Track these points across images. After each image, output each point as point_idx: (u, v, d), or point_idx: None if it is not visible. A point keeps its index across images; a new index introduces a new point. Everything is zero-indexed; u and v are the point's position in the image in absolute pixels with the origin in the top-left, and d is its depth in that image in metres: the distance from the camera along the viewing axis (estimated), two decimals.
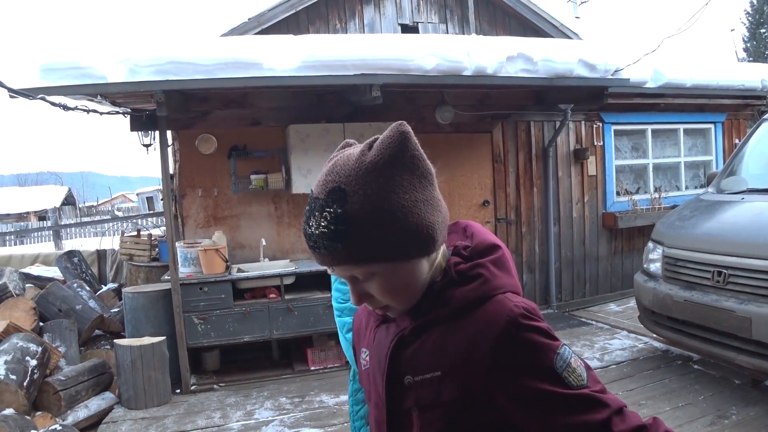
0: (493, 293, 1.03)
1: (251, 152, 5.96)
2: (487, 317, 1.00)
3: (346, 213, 0.94)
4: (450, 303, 1.04)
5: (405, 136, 0.99)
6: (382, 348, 1.12)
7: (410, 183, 0.99)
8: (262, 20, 8.08)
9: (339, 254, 0.96)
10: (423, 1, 9.29)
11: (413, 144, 1.01)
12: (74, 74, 4.51)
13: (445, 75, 5.24)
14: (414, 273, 1.02)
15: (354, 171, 0.97)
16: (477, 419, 1.02)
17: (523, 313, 1.00)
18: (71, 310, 5.77)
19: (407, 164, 0.99)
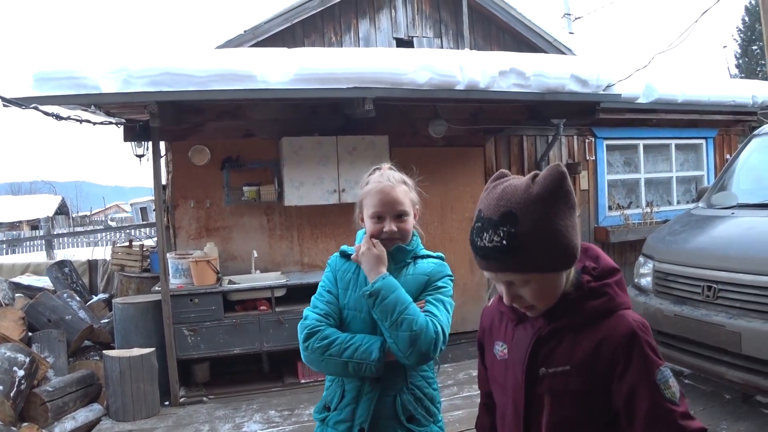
0: (616, 309, 1.33)
1: (244, 164, 5.97)
2: (612, 328, 1.30)
3: (517, 233, 1.23)
4: (582, 313, 1.33)
5: (563, 176, 1.26)
6: (522, 343, 1.41)
7: (564, 212, 1.26)
8: (258, 33, 8.13)
9: (506, 264, 1.27)
10: (418, 16, 9.37)
11: (568, 182, 1.27)
12: (68, 84, 4.51)
13: (437, 89, 5.27)
14: (557, 283, 1.32)
15: (524, 199, 1.25)
16: (594, 405, 1.31)
17: (642, 329, 1.29)
18: (61, 321, 5.73)
19: (563, 197, 1.26)
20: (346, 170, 5.81)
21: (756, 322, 3.95)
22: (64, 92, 4.51)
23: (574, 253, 1.29)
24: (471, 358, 6.13)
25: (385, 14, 9.21)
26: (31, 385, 4.76)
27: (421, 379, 2.00)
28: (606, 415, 1.31)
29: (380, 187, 1.99)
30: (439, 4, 9.18)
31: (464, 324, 6.90)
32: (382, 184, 2.00)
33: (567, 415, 1.33)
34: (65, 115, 4.72)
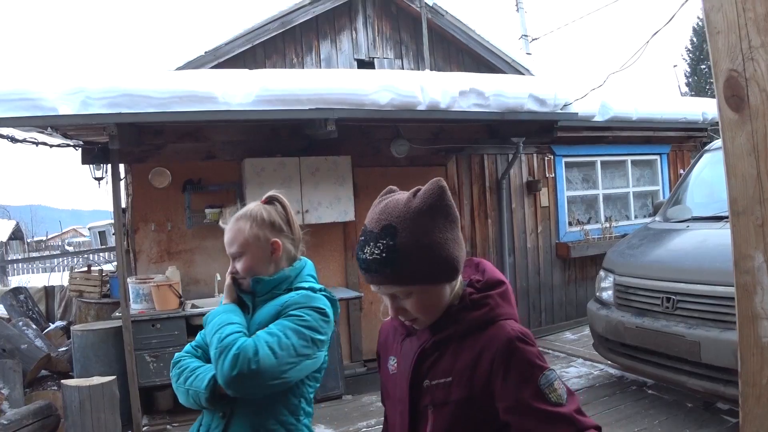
0: (497, 319, 1.33)
1: (206, 186, 5.89)
2: (491, 337, 1.30)
3: (396, 245, 1.25)
4: (462, 323, 1.34)
5: (443, 190, 1.31)
6: (408, 357, 1.41)
7: (444, 225, 1.29)
8: (219, 54, 8.09)
9: (387, 276, 1.28)
10: (379, 37, 9.46)
11: (448, 196, 1.31)
12: (23, 105, 4.41)
13: (399, 110, 5.33)
14: (440, 295, 1.33)
15: (403, 213, 1.28)
16: (476, 415, 1.30)
17: (519, 336, 1.28)
18: (16, 350, 5.54)
19: (443, 211, 1.30)
20: (309, 191, 5.80)
21: (714, 331, 4.06)
22: (19, 114, 4.41)
23: (455, 265, 1.31)
24: None
25: (346, 36, 9.28)
26: None
27: (279, 426, 1.84)
28: (492, 426, 1.30)
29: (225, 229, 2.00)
30: (399, 26, 9.29)
31: None
32: (225, 225, 2.00)
33: (449, 427, 1.32)
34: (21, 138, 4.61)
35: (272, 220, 1.95)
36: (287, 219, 1.99)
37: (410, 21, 9.11)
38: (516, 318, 1.36)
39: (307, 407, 1.92)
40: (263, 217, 1.94)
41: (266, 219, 1.94)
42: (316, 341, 1.81)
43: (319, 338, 1.83)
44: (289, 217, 2.00)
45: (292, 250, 1.99)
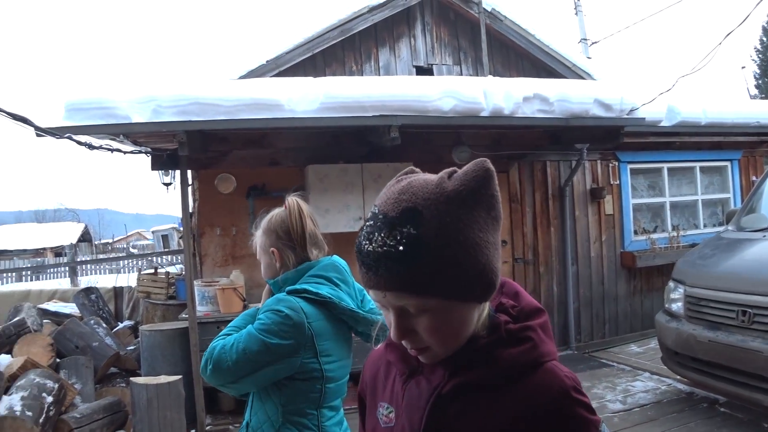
0: (543, 360, 0.99)
1: (270, 192, 6.01)
2: (539, 387, 0.96)
3: (420, 236, 0.88)
4: (498, 364, 0.97)
5: (489, 173, 0.97)
6: (416, 406, 1.02)
7: (485, 222, 0.93)
8: (280, 63, 8.25)
9: (400, 278, 0.89)
10: (437, 44, 9.45)
11: (495, 183, 0.97)
12: (99, 114, 4.60)
13: (462, 116, 5.29)
14: (466, 318, 0.96)
15: (434, 195, 0.92)
16: None
17: (575, 386, 0.96)
18: (88, 347, 5.76)
19: (486, 202, 0.94)
20: (372, 198, 5.83)
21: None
22: (96, 122, 4.59)
23: (493, 279, 0.94)
24: None
25: (405, 43, 9.30)
26: (60, 411, 4.77)
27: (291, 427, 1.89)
28: None
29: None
30: (457, 32, 9.25)
31: None
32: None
33: None
34: (97, 144, 4.80)
35: (274, 228, 2.03)
36: (286, 226, 2.02)
37: (468, 27, 9.05)
38: (557, 358, 1.03)
39: (310, 410, 1.92)
40: (266, 226, 2.04)
41: (269, 227, 2.04)
42: (270, 346, 1.77)
43: (274, 342, 1.78)
44: (289, 223, 2.03)
45: (291, 256, 2.02)
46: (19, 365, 4.95)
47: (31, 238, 31.93)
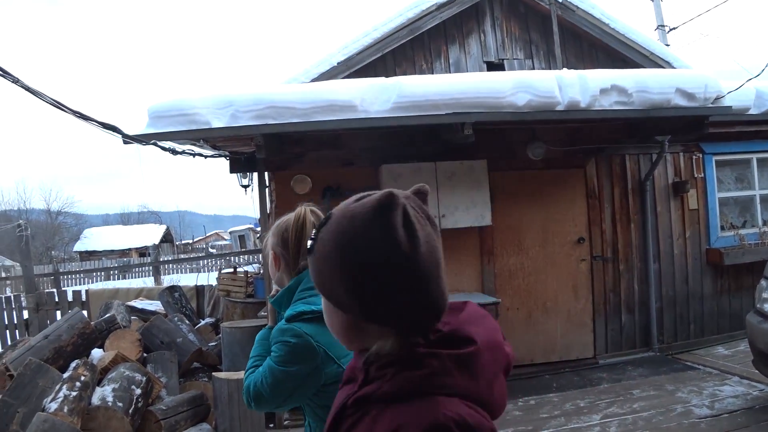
0: (433, 390, 0.93)
1: (344, 192, 6.07)
2: (414, 416, 0.91)
3: (318, 237, 1.03)
4: (388, 382, 0.96)
5: (385, 206, 0.97)
6: (330, 415, 1.08)
7: (380, 248, 0.94)
8: (351, 64, 8.36)
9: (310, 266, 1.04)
10: (508, 38, 9.31)
11: (395, 217, 0.95)
12: (180, 120, 4.80)
13: (537, 111, 5.18)
14: (340, 323, 1.04)
15: (341, 208, 1.05)
16: None
17: (449, 427, 0.89)
18: (172, 343, 6.01)
19: (374, 230, 0.96)
20: (446, 196, 5.80)
21: None
22: (177, 128, 4.80)
23: (370, 303, 0.95)
24: (577, 387, 5.89)
25: (475, 39, 9.22)
26: (147, 403, 5.00)
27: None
28: None
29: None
30: (528, 25, 9.09)
31: (569, 351, 6.66)
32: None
33: None
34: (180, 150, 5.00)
35: (279, 232, 1.99)
36: (288, 234, 1.98)
37: (539, 19, 8.88)
38: (477, 396, 0.96)
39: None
40: (274, 228, 2.03)
41: (276, 230, 2.01)
42: (291, 374, 1.83)
43: (294, 369, 1.83)
44: (290, 233, 1.97)
45: (283, 264, 2.00)
46: (110, 359, 5.23)
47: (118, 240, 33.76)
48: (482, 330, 1.02)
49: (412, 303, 0.95)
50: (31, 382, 4.68)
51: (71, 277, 18.83)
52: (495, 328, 1.07)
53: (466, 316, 1.04)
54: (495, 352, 1.02)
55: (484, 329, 1.03)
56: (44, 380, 4.71)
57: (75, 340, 5.36)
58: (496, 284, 6.46)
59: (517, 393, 5.77)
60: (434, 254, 0.96)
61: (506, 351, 1.06)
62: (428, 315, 0.97)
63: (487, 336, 1.02)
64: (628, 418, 4.92)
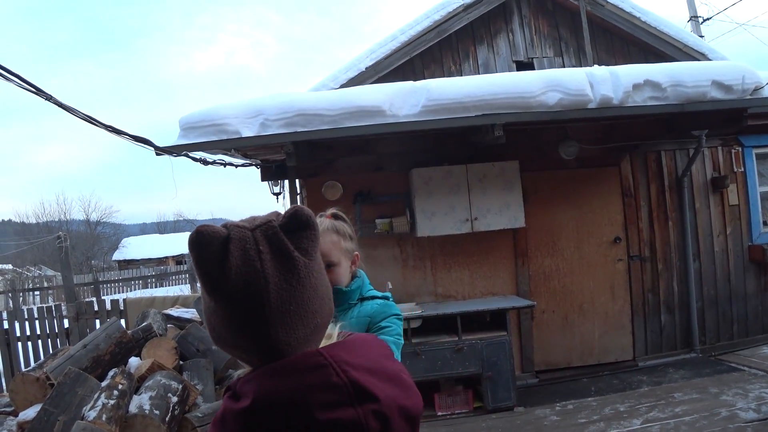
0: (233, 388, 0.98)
1: (375, 197, 6.07)
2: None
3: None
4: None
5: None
6: None
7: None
8: (379, 69, 8.36)
9: None
10: (536, 37, 9.22)
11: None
12: (211, 131, 4.85)
13: (568, 110, 5.08)
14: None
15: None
16: None
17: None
18: (208, 350, 6.04)
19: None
20: (478, 198, 5.73)
21: None
22: (208, 138, 4.84)
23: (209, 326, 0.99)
24: (616, 391, 5.77)
25: (503, 38, 9.15)
26: (183, 410, 5.03)
27: None
28: None
29: None
30: (557, 22, 8.98)
31: (607, 354, 6.53)
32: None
33: None
34: (210, 160, 5.05)
35: (351, 234, 2.07)
36: (353, 233, 2.10)
37: (568, 16, 8.76)
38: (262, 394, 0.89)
39: None
40: (346, 230, 2.06)
41: (348, 233, 2.06)
42: (400, 346, 1.95)
43: (402, 342, 2.00)
44: (353, 232, 2.12)
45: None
46: (147, 367, 5.29)
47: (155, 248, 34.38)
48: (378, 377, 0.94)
49: (233, 339, 0.94)
50: (70, 391, 4.75)
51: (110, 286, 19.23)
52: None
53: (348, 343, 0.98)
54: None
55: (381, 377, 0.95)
56: (83, 389, 4.78)
57: (112, 349, 5.43)
58: (531, 286, 6.36)
59: (555, 397, 5.67)
60: (257, 296, 0.90)
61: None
62: (257, 358, 0.94)
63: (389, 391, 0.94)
64: (670, 423, 4.79)
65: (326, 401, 0.86)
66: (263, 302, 0.89)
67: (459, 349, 5.32)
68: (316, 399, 0.86)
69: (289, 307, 0.91)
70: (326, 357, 0.90)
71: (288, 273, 0.92)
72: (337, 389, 0.88)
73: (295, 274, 0.92)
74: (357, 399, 0.88)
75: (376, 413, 0.89)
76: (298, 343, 0.92)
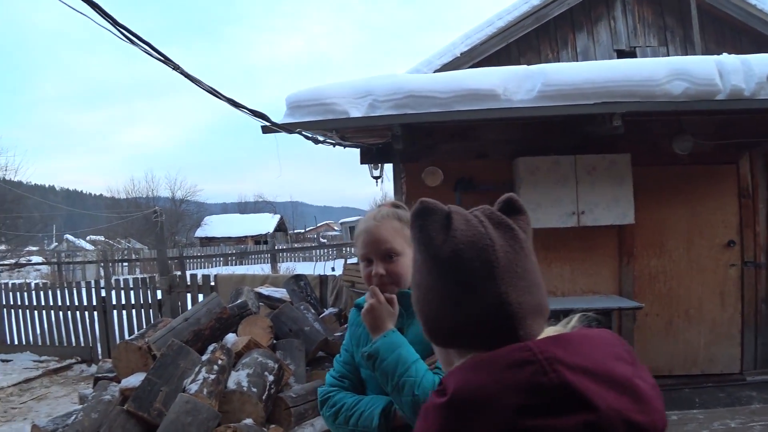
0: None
1: (477, 185, 5.87)
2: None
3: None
4: None
5: (414, 214, 0.97)
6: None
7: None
8: (474, 55, 8.19)
9: None
10: (640, 24, 8.80)
11: (418, 224, 0.96)
12: (318, 110, 4.81)
13: (693, 101, 4.75)
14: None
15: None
16: None
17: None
18: (300, 331, 6.08)
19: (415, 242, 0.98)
20: (585, 192, 5.46)
21: None
22: (315, 118, 4.81)
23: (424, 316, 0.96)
24: (723, 405, 5.41)
25: (604, 26, 8.79)
26: (278, 390, 5.08)
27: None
28: None
29: (365, 227, 1.75)
30: (662, 10, 8.54)
31: (712, 365, 6.14)
32: (367, 223, 1.76)
33: None
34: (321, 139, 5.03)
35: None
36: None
37: (674, 2, 8.32)
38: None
39: None
40: (409, 220, 1.80)
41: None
42: None
43: None
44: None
45: None
46: (243, 344, 5.35)
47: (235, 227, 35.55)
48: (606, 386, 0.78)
49: (456, 311, 0.88)
50: (173, 362, 4.86)
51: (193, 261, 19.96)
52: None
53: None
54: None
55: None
56: (185, 362, 4.88)
57: (213, 324, 5.55)
58: (635, 287, 6.03)
59: None
60: (484, 254, 0.87)
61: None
62: (483, 327, 0.87)
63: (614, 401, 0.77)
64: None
65: (529, 404, 0.75)
66: (490, 259, 0.86)
67: None
68: (516, 401, 0.75)
69: (515, 269, 0.87)
70: (535, 352, 0.79)
71: (511, 240, 0.90)
72: (543, 392, 0.76)
73: (518, 241, 0.90)
74: (568, 406, 0.75)
75: (591, 426, 0.74)
76: (525, 312, 0.86)
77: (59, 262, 19.55)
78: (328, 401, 1.75)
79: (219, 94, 3.33)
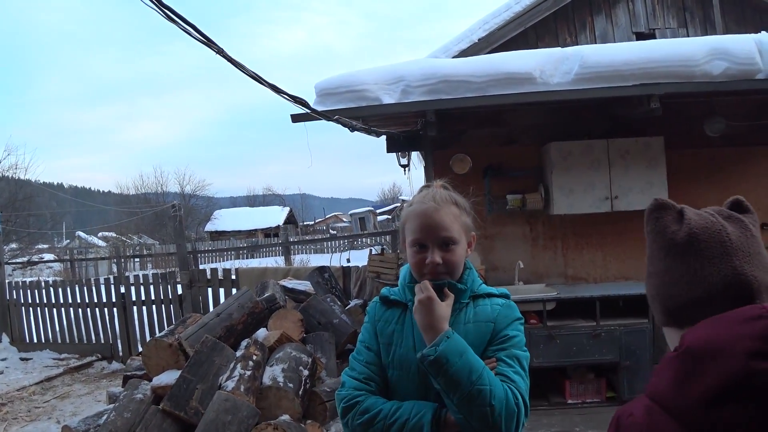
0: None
1: (506, 172, 5.77)
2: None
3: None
4: None
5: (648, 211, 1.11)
6: None
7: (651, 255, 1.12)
8: (492, 40, 8.08)
9: None
10: (659, 6, 8.67)
11: (651, 220, 1.09)
12: (349, 97, 4.71)
13: (733, 80, 4.63)
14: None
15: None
16: None
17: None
18: (329, 324, 6.00)
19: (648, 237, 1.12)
20: (619, 176, 5.35)
21: None
22: (346, 105, 4.70)
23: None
24: None
25: (622, 8, 8.66)
26: (312, 384, 5.00)
27: None
28: None
29: (422, 209, 1.59)
30: None
31: None
32: (425, 205, 1.60)
33: None
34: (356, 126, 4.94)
35: (469, 209, 1.67)
36: (471, 209, 1.69)
37: None
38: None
39: None
40: (465, 204, 1.66)
41: (466, 207, 1.67)
42: (527, 361, 1.58)
43: (529, 356, 1.59)
44: (471, 207, 1.69)
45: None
46: (275, 339, 5.27)
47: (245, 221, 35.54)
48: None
49: (694, 286, 0.98)
50: (207, 359, 4.77)
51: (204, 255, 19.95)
52: None
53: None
54: None
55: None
56: (220, 358, 4.80)
57: (245, 319, 5.46)
58: None
59: None
60: (717, 236, 0.98)
61: None
62: (723, 296, 0.96)
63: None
64: None
65: (762, 351, 0.84)
66: (723, 240, 0.97)
67: (596, 335, 5.02)
68: (750, 346, 0.84)
69: (748, 249, 0.98)
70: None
71: (741, 229, 1.01)
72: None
73: (747, 230, 1.01)
74: None
75: None
76: (761, 284, 0.96)
77: (72, 259, 19.57)
78: (356, 407, 1.54)
79: (262, 79, 3.24)
